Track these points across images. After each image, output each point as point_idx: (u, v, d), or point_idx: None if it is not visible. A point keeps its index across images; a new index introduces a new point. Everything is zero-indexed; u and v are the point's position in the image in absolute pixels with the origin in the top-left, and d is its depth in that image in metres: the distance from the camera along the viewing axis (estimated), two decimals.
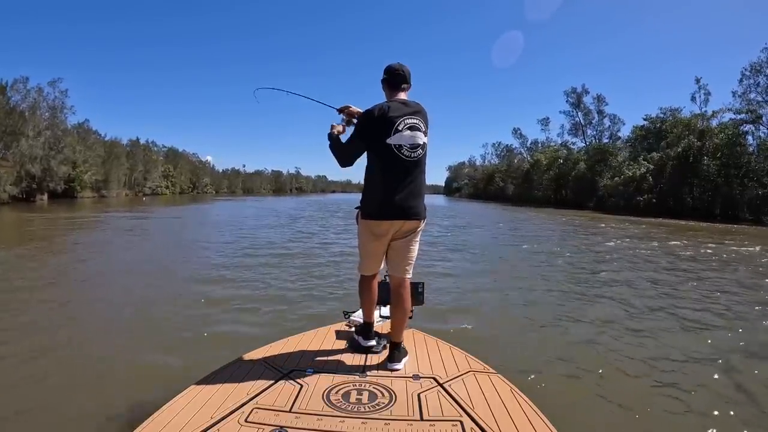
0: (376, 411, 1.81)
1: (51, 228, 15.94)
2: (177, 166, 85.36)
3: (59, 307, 5.39)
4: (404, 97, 2.40)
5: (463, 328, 4.65)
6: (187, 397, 1.89)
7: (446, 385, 2.06)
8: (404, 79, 2.40)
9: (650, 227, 20.50)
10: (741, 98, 33.52)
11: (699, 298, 6.37)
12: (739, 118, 32.78)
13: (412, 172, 2.31)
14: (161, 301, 5.64)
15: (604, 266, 9.08)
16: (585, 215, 30.47)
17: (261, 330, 4.40)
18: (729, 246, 13.37)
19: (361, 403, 1.88)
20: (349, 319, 2.91)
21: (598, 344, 4.30)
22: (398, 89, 2.41)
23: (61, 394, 3.05)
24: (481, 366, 2.32)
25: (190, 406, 1.80)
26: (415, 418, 1.76)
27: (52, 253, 9.84)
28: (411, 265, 2.42)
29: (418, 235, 2.42)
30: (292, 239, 13.05)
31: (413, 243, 2.40)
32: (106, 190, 54.00)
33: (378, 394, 1.96)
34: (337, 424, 1.70)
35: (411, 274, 2.44)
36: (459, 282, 7.25)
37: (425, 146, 2.35)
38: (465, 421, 1.74)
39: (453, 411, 1.82)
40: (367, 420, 1.73)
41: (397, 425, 1.70)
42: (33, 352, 3.78)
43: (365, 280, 2.53)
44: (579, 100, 53.13)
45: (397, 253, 2.39)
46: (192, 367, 2.98)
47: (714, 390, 3.33)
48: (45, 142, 39.14)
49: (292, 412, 1.78)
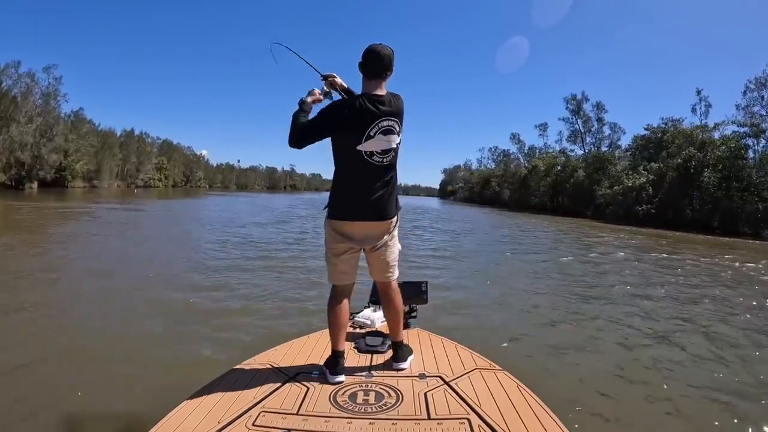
0: (383, 411, 1.80)
1: (37, 218, 15.33)
2: (171, 159, 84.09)
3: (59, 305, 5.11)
4: (382, 91, 2.11)
5: (468, 326, 4.60)
6: (195, 401, 1.87)
7: (453, 384, 2.05)
8: (386, 66, 2.10)
9: (650, 238, 20.25)
10: (744, 111, 33.84)
11: (712, 308, 6.27)
12: (741, 131, 32.81)
13: (382, 177, 2.14)
14: (161, 302, 5.38)
15: (610, 272, 8.92)
16: (584, 223, 30.44)
17: (265, 333, 4.33)
18: (732, 260, 13.06)
19: (368, 403, 1.86)
20: (354, 320, 2.87)
21: (606, 342, 4.28)
22: (378, 77, 2.11)
23: (67, 399, 2.92)
24: (488, 363, 2.31)
25: (198, 411, 1.78)
26: (423, 417, 1.75)
27: (32, 245, 9.27)
28: (394, 267, 2.28)
29: (394, 234, 2.26)
30: (291, 240, 12.53)
31: (390, 246, 2.25)
32: (98, 180, 52.92)
33: (384, 394, 1.95)
34: (345, 425, 1.68)
35: (396, 274, 2.31)
36: (464, 282, 7.16)
37: (398, 146, 2.16)
38: (472, 418, 1.72)
39: (460, 409, 1.81)
40: (374, 420, 1.72)
41: (404, 425, 1.68)
42: (31, 354, 3.56)
43: (334, 295, 2.26)
44: (579, 107, 52.86)
45: (376, 260, 2.25)
46: (199, 371, 2.89)
47: (726, 389, 3.31)
48: (36, 128, 38.14)
49: (299, 414, 1.77)
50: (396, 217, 2.23)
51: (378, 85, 2.10)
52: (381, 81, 2.11)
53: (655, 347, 4.24)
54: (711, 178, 32.12)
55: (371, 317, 2.90)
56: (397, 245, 2.29)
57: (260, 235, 13.44)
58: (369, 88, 2.11)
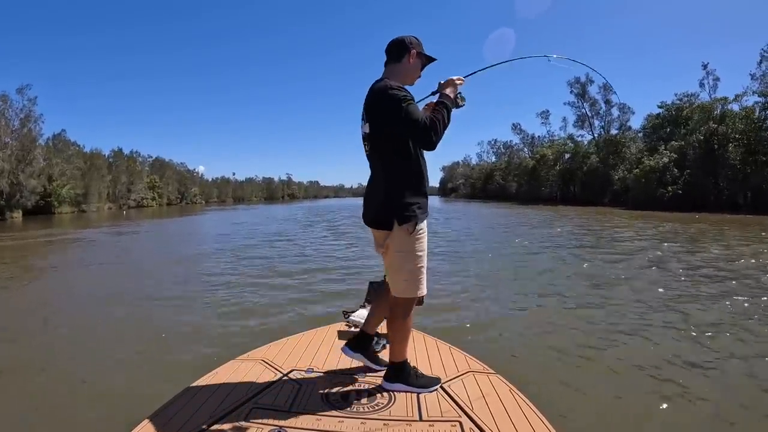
0: (376, 411, 1.79)
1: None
2: (163, 177, 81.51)
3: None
4: (381, 76, 2.11)
5: (462, 329, 4.65)
6: (187, 395, 1.88)
7: (445, 386, 2.05)
8: (388, 53, 2.11)
9: (699, 224, 17.91)
10: (760, 81, 32.08)
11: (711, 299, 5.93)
12: (764, 101, 30.85)
13: (372, 170, 2.12)
14: (159, 302, 5.72)
15: (618, 272, 7.90)
16: (606, 212, 28.53)
17: (260, 329, 4.44)
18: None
19: (361, 403, 1.86)
20: (349, 319, 2.83)
21: (599, 346, 4.20)
22: (385, 66, 2.13)
23: (57, 395, 3.12)
24: (481, 366, 2.31)
25: (190, 405, 1.79)
26: (414, 419, 1.74)
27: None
28: (396, 280, 2.03)
29: (400, 246, 1.98)
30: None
31: (394, 254, 2.00)
32: (86, 204, 50.37)
33: (377, 395, 1.95)
34: (336, 424, 1.68)
35: (402, 292, 2.03)
36: (459, 283, 7.03)
37: (372, 137, 2.01)
38: (464, 421, 1.72)
39: (452, 411, 1.81)
40: (366, 420, 1.71)
41: (396, 426, 1.68)
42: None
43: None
44: (584, 90, 50.32)
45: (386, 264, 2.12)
46: (191, 366, 3.14)
47: (719, 392, 3.21)
48: (11, 154, 35.66)
49: (291, 411, 1.76)
50: (397, 228, 1.96)
51: (384, 71, 2.13)
52: (384, 68, 2.13)
53: (655, 351, 4.06)
54: (736, 153, 30.27)
55: (366, 317, 2.64)
56: (402, 259, 1.99)
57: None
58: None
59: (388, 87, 1.94)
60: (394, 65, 2.08)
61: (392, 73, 2.07)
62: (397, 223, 1.94)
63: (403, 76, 2.07)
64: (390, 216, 1.95)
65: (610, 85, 2.76)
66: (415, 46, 2.08)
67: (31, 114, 38.92)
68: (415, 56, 2.08)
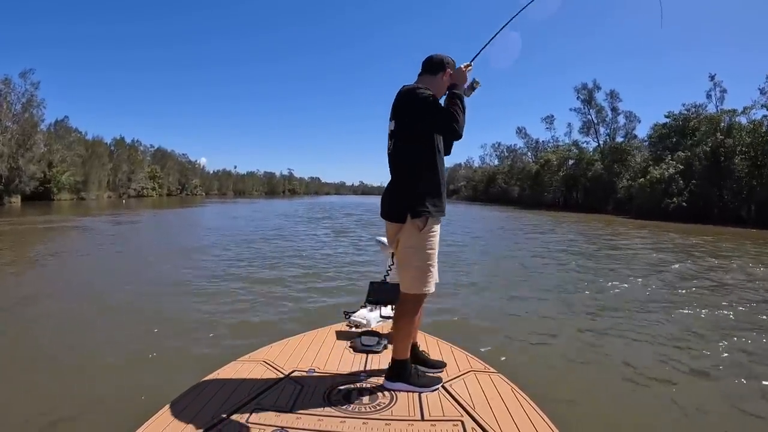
0: (377, 411, 1.79)
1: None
2: (165, 167, 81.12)
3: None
4: (412, 83, 2.22)
5: (463, 328, 4.63)
6: (188, 397, 1.87)
7: (447, 385, 2.04)
8: (426, 67, 2.27)
9: (706, 235, 17.66)
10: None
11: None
12: None
13: (392, 167, 2.17)
14: (160, 296, 5.76)
15: (623, 278, 7.75)
16: (611, 220, 28.37)
17: (261, 330, 4.38)
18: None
19: (362, 403, 1.85)
20: (350, 319, 2.86)
21: (601, 346, 4.19)
22: (419, 75, 2.29)
23: (59, 394, 3.01)
24: (482, 365, 2.30)
25: (192, 406, 1.78)
26: (416, 418, 1.74)
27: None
28: (404, 275, 2.10)
29: (410, 241, 2.05)
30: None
31: (403, 249, 2.09)
32: (86, 191, 50.03)
33: (379, 395, 1.94)
34: (338, 424, 1.68)
35: (408, 287, 2.08)
36: (461, 283, 6.99)
37: (397, 134, 2.12)
38: (466, 420, 1.71)
39: (454, 411, 1.80)
40: (368, 420, 1.71)
41: (397, 425, 1.68)
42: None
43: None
44: (590, 97, 49.86)
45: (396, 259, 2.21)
46: (192, 367, 3.11)
47: (719, 393, 3.24)
48: (12, 138, 35.32)
49: (293, 412, 1.75)
50: (409, 222, 2.04)
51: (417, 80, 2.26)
52: (419, 77, 2.27)
53: (656, 351, 4.08)
54: (743, 167, 29.98)
55: (367, 317, 2.84)
56: (414, 254, 2.05)
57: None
58: None
59: (417, 87, 2.11)
60: (429, 77, 2.24)
61: (424, 83, 2.20)
62: (410, 217, 2.02)
63: (433, 89, 2.16)
64: (404, 209, 2.04)
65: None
66: (451, 67, 2.25)
67: (34, 99, 38.61)
68: (448, 75, 2.24)
